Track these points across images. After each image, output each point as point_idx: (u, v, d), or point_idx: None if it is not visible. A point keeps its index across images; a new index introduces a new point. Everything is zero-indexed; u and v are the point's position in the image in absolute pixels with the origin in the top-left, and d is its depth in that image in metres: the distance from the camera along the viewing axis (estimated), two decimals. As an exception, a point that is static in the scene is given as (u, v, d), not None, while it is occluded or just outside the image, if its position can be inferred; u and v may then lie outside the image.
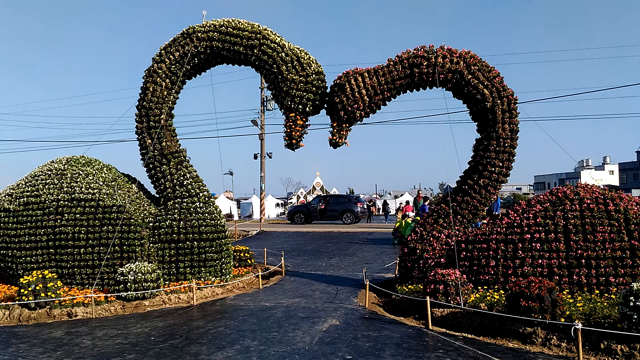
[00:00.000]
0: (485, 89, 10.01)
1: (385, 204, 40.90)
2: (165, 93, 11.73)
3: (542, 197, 9.66)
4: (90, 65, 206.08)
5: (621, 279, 8.32)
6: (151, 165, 11.67)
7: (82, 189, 10.96)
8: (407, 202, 34.99)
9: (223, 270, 11.44)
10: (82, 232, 10.56)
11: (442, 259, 9.80)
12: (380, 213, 37.56)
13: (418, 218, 19.36)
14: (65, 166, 11.61)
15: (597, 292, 8.31)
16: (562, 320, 6.97)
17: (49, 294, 9.36)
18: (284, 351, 6.77)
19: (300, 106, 10.86)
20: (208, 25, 11.55)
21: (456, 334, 7.64)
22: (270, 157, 34.70)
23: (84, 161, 12.03)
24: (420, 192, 27.45)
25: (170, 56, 11.63)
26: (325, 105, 11.11)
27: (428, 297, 8.22)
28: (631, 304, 6.35)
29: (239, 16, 11.70)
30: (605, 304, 7.58)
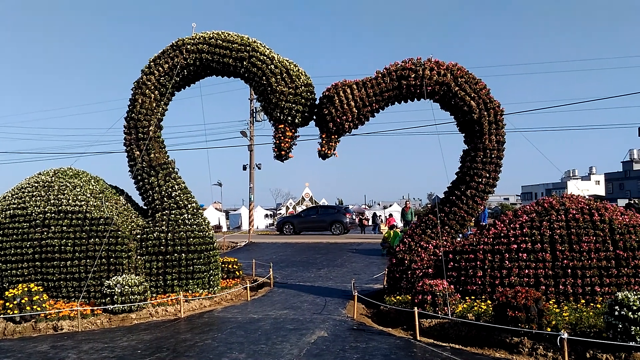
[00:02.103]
0: (472, 101, 10.13)
1: (374, 216, 40.96)
2: (154, 105, 11.73)
3: (528, 207, 9.75)
4: (78, 76, 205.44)
5: (607, 288, 8.39)
6: (139, 177, 11.63)
7: (69, 201, 10.89)
8: (391, 215, 35.18)
9: (211, 282, 11.38)
10: (69, 244, 10.48)
11: (430, 270, 9.84)
12: (370, 224, 37.55)
13: (406, 228, 19.46)
14: (53, 178, 11.54)
15: (583, 301, 8.37)
16: (549, 330, 7.02)
17: (34, 307, 9.27)
18: (272, 363, 6.75)
19: (289, 118, 10.90)
20: (197, 37, 11.59)
21: (444, 344, 7.66)
22: (259, 168, 34.66)
23: (71, 173, 11.96)
24: (408, 202, 27.58)
25: (160, 68, 11.65)
26: (314, 117, 11.17)
27: (416, 307, 8.24)
28: (616, 313, 6.42)
29: (228, 29, 11.74)
30: (591, 313, 7.65)
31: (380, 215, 40.48)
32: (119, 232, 10.68)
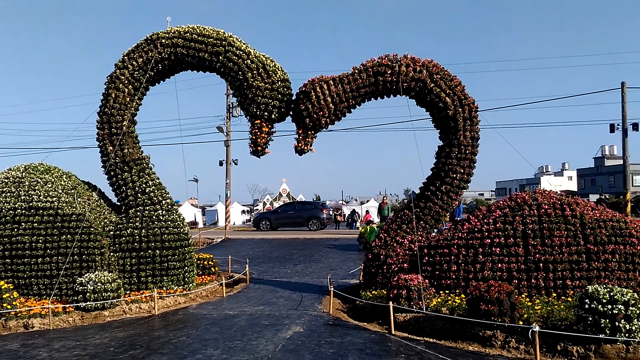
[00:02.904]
0: (447, 97, 10.21)
1: (353, 212, 41.00)
2: (128, 99, 11.55)
3: (501, 202, 9.89)
4: (50, 70, 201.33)
5: (577, 282, 8.57)
6: (112, 173, 11.46)
7: (41, 197, 10.68)
8: (367, 211, 35.41)
9: (186, 279, 11.29)
10: (40, 241, 10.28)
11: (405, 264, 9.91)
12: (348, 221, 37.57)
13: (382, 224, 19.58)
14: (23, 174, 11.29)
15: (555, 295, 8.54)
16: (521, 323, 7.14)
17: (4, 305, 9.09)
18: (247, 359, 6.72)
19: (265, 113, 10.85)
20: (172, 31, 11.45)
21: (418, 338, 7.74)
22: (236, 164, 34.48)
23: (42, 169, 11.72)
24: (385, 198, 27.73)
25: (134, 62, 11.47)
26: (291, 113, 11.14)
27: (391, 302, 8.30)
28: (586, 306, 6.56)
29: (204, 24, 11.62)
30: (562, 306, 7.80)
31: (357, 212, 40.50)
32: (92, 229, 10.51)
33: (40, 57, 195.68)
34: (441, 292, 9.12)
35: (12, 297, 9.30)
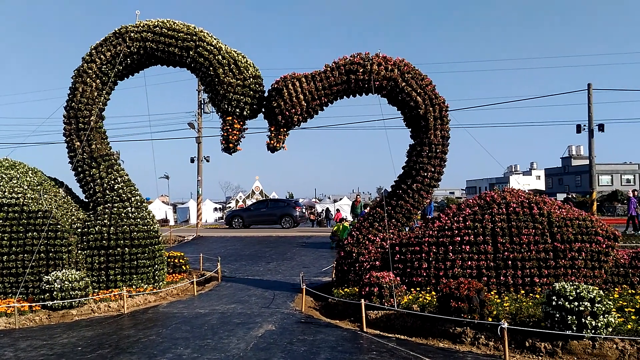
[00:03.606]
0: (418, 97, 10.28)
1: (327, 211, 41.05)
2: (96, 94, 11.32)
3: (471, 201, 10.01)
4: (15, 63, 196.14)
5: (545, 279, 8.72)
6: (80, 169, 11.22)
7: (5, 193, 10.39)
8: (338, 210, 35.62)
9: (156, 277, 11.14)
10: (5, 238, 10.00)
11: (377, 262, 9.95)
12: (323, 219, 37.59)
13: (355, 222, 19.66)
14: (-14, 169, 10.96)
15: (523, 292, 8.68)
16: (490, 319, 7.24)
17: (-34, 304, 8.82)
18: (218, 358, 6.66)
19: (237, 110, 10.76)
20: (142, 25, 11.25)
21: (390, 335, 7.79)
22: (207, 161, 34.26)
23: (7, 164, 11.40)
24: (358, 196, 27.86)
25: (102, 56, 11.24)
26: (263, 110, 11.07)
27: (363, 299, 8.33)
28: (554, 303, 6.67)
29: (175, 18, 11.46)
30: (530, 303, 7.92)
31: (330, 212, 40.57)
32: (59, 226, 10.28)
33: (3, 47, 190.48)
34: (412, 289, 9.19)
35: (-26, 296, 9.04)
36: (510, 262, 8.90)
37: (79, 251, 10.54)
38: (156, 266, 11.12)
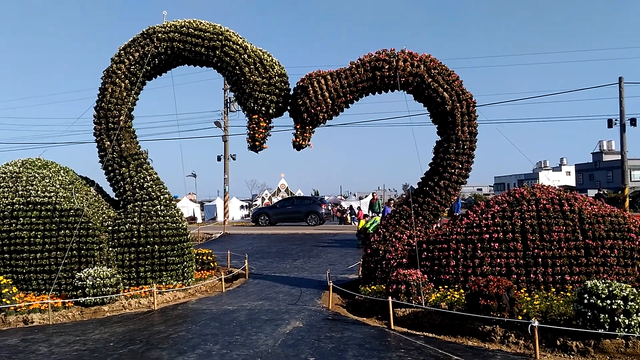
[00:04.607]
0: (444, 93, 10.19)
1: (351, 208, 40.94)
2: (125, 94, 11.51)
3: (500, 197, 9.88)
4: (47, 65, 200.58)
5: (576, 277, 8.57)
6: (110, 168, 11.43)
7: (38, 192, 10.65)
8: (359, 208, 35.60)
9: (185, 274, 11.29)
10: (39, 236, 10.26)
11: (404, 260, 9.91)
12: (347, 215, 37.57)
13: (377, 218, 19.60)
14: (21, 169, 11.26)
15: (553, 290, 8.54)
16: (520, 318, 7.15)
17: (4, 300, 9.08)
18: (247, 354, 6.73)
19: (263, 108, 10.82)
20: (169, 25, 11.40)
21: (417, 333, 7.75)
22: (234, 159, 34.47)
23: (40, 164, 11.69)
24: (375, 194, 27.71)
25: (130, 57, 11.43)
26: (289, 108, 11.11)
27: (390, 297, 8.30)
28: (585, 301, 6.56)
29: (202, 18, 11.57)
30: (561, 301, 7.80)
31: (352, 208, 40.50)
32: (90, 224, 10.50)
33: (37, 51, 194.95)
34: (440, 287, 9.13)
35: (11, 292, 9.30)
36: (540, 259, 8.77)
37: (110, 248, 10.75)
38: (185, 263, 11.27)
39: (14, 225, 10.31)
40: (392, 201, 21.43)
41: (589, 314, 6.50)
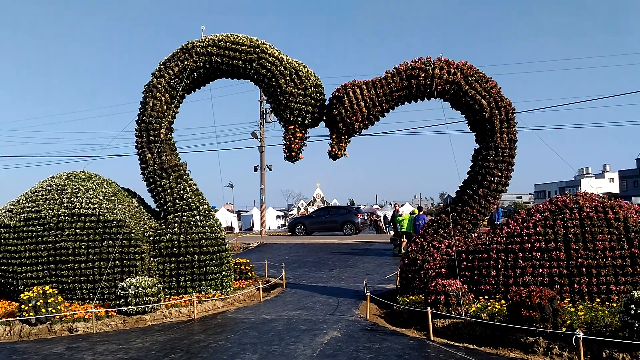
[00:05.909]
0: (482, 100, 10.07)
1: (385, 218, 40.70)
2: (165, 107, 11.80)
3: (541, 206, 9.67)
4: (89, 80, 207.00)
5: (622, 287, 8.30)
6: (151, 180, 11.70)
7: (83, 204, 10.99)
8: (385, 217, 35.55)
9: (224, 284, 11.42)
10: (83, 247, 10.57)
11: (442, 269, 9.79)
12: (382, 225, 37.34)
13: (412, 216, 19.44)
14: (66, 181, 11.65)
15: (598, 300, 8.29)
16: (564, 329, 6.96)
17: (49, 309, 9.35)
18: (285, 364, 6.75)
19: (299, 119, 10.92)
20: (207, 40, 11.65)
21: (458, 344, 7.63)
22: (270, 169, 34.79)
23: (84, 176, 12.07)
24: (397, 205, 27.31)
25: (170, 71, 11.72)
26: (324, 118, 11.17)
27: (429, 307, 8.21)
28: (632, 312, 6.34)
29: (237, 32, 11.78)
30: (606, 312, 7.57)
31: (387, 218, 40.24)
32: (132, 234, 10.75)
33: (83, 66, 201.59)
34: (480, 297, 8.97)
35: (56, 301, 9.57)
36: (584, 269, 8.53)
37: (151, 258, 10.98)
38: (224, 273, 11.40)
39: (59, 236, 10.65)
40: (424, 210, 21.18)
41: (637, 325, 6.28)
